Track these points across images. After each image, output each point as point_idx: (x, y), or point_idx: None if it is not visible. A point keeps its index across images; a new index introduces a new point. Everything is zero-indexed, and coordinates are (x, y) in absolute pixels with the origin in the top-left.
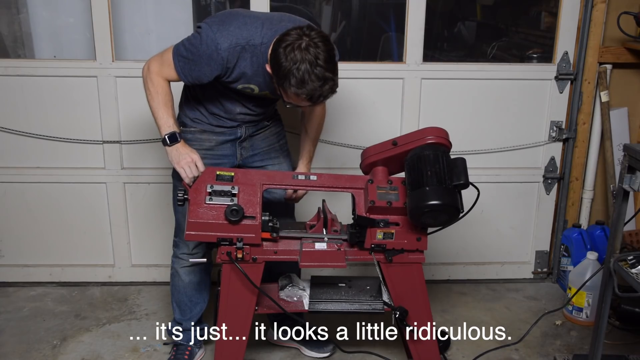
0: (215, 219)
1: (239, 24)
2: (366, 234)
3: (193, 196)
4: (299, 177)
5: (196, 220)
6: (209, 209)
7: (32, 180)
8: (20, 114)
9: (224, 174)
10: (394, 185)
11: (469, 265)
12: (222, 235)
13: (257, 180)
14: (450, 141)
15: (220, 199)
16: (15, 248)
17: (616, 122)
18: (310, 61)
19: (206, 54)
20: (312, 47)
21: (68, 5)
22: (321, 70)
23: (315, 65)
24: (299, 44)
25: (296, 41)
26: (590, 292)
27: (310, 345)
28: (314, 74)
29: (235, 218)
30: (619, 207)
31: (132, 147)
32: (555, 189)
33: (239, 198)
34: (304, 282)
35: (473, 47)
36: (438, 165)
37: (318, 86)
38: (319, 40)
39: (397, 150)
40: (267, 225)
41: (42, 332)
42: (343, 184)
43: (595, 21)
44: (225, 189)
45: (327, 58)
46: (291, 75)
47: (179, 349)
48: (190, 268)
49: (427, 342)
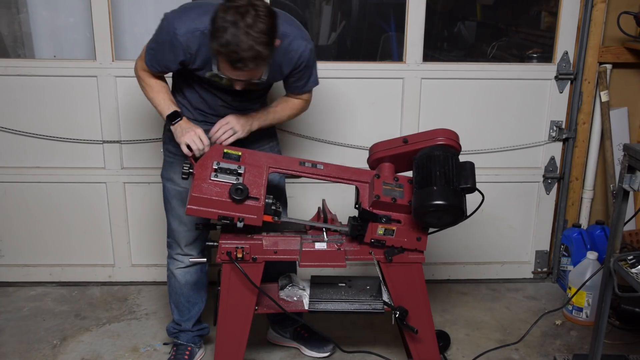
0: (219, 195)
1: (200, 11)
2: (367, 228)
3: (198, 171)
4: (305, 164)
5: (199, 195)
6: (214, 185)
7: (32, 180)
8: (20, 114)
9: (231, 153)
10: (399, 183)
11: (469, 265)
12: (224, 213)
13: (264, 163)
14: (460, 144)
15: (225, 177)
16: (15, 248)
17: (616, 122)
18: (240, 26)
19: (167, 41)
20: (248, 16)
21: (68, 5)
22: (247, 37)
23: (244, 30)
24: (236, 9)
25: (235, 6)
26: (590, 292)
27: (310, 345)
28: (239, 38)
29: (240, 197)
30: (619, 206)
31: (132, 147)
32: (555, 189)
33: (244, 178)
34: (304, 281)
35: (473, 46)
36: (447, 166)
37: (240, 49)
38: (262, 11)
39: (407, 148)
40: (270, 208)
41: (42, 332)
42: (349, 176)
43: (595, 21)
44: (231, 167)
45: (262, 29)
46: (217, 32)
47: (179, 349)
48: (185, 269)
49: (427, 342)
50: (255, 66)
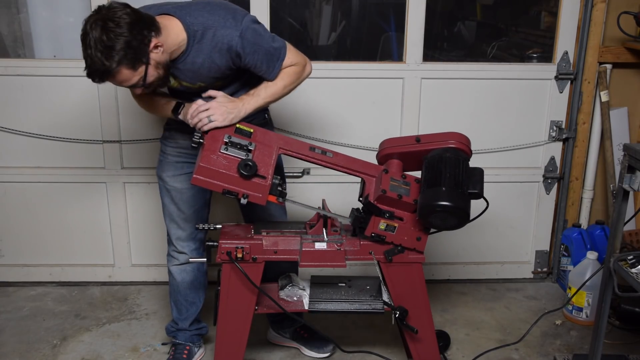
0: (227, 169)
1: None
2: (369, 222)
3: (209, 142)
4: (315, 150)
5: (207, 165)
6: (223, 158)
7: (32, 180)
8: (20, 114)
9: (243, 129)
10: (407, 181)
11: (469, 265)
12: (229, 187)
13: (275, 143)
14: (471, 149)
15: (235, 151)
16: (15, 248)
17: (616, 122)
18: (90, 40)
19: None
20: (109, 22)
21: (68, 5)
22: (97, 42)
23: (88, 44)
24: (96, 12)
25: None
26: (590, 291)
27: (310, 345)
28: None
29: (248, 173)
30: (618, 206)
31: (132, 147)
32: (555, 189)
33: (254, 155)
34: (304, 281)
35: (473, 46)
36: (458, 169)
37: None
38: (122, 10)
39: (418, 148)
40: (276, 189)
41: (42, 332)
42: (357, 167)
43: (595, 21)
44: (242, 143)
45: (111, 34)
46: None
47: (178, 348)
48: (181, 267)
49: (427, 342)
50: (105, 78)
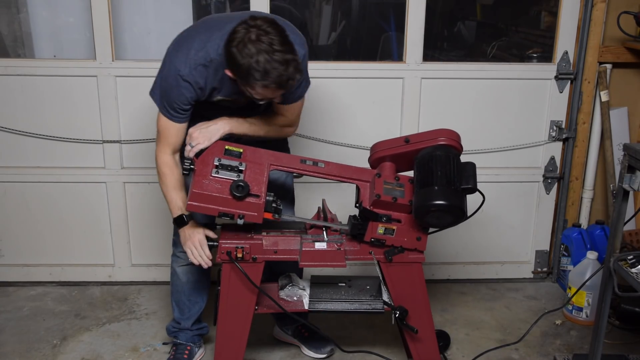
0: (220, 192)
1: (195, 45)
2: (367, 227)
3: (199, 167)
4: (307, 162)
5: (200, 191)
6: (215, 182)
7: (32, 180)
8: (20, 114)
9: (232, 149)
10: (400, 182)
11: (469, 264)
12: (224, 209)
13: (265, 160)
14: (462, 145)
15: (226, 173)
16: (15, 248)
17: (616, 122)
18: (266, 50)
19: (174, 84)
20: (263, 36)
21: (68, 5)
22: (280, 54)
23: (272, 52)
24: (248, 37)
25: (245, 35)
26: (590, 291)
27: (309, 345)
28: (275, 60)
29: (240, 194)
30: (618, 206)
31: (132, 146)
32: (555, 189)
33: (245, 175)
34: (304, 281)
35: (473, 46)
36: (449, 166)
37: (282, 70)
38: (267, 26)
39: (408, 148)
40: (271, 206)
41: (42, 332)
42: (350, 174)
43: (595, 21)
44: (232, 164)
45: (282, 41)
46: (253, 70)
47: (179, 348)
48: (187, 267)
49: (427, 342)
50: (300, 75)
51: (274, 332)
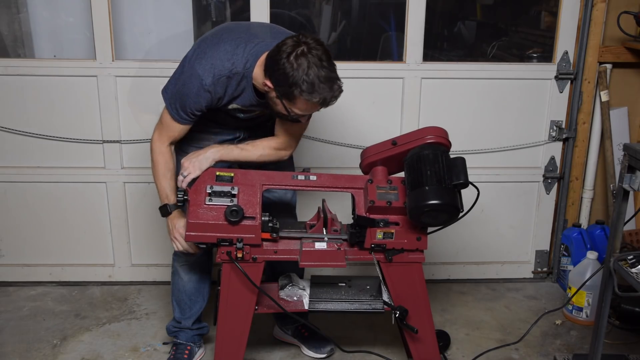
0: (215, 219)
1: (220, 55)
2: (366, 234)
3: (193, 197)
4: (298, 177)
5: (196, 221)
6: (209, 210)
7: (32, 180)
8: (20, 113)
9: (223, 175)
10: (393, 185)
11: (469, 264)
12: (222, 235)
13: (257, 181)
14: (450, 140)
15: (220, 200)
16: (15, 247)
17: (616, 122)
18: (316, 64)
19: (194, 91)
20: (314, 50)
21: (68, 5)
22: (327, 71)
23: (321, 67)
24: (301, 51)
25: (296, 48)
26: (590, 291)
27: (309, 345)
28: (323, 76)
29: (235, 219)
30: (618, 206)
31: (132, 146)
32: (555, 189)
33: (238, 198)
34: (304, 281)
35: (473, 46)
36: (438, 164)
37: (328, 88)
38: (316, 43)
39: (397, 150)
40: (267, 226)
41: (42, 332)
42: (343, 184)
43: (595, 21)
44: (224, 190)
45: (328, 58)
46: (302, 82)
47: (179, 348)
48: (189, 266)
49: (427, 342)
50: (340, 92)
51: (274, 332)
